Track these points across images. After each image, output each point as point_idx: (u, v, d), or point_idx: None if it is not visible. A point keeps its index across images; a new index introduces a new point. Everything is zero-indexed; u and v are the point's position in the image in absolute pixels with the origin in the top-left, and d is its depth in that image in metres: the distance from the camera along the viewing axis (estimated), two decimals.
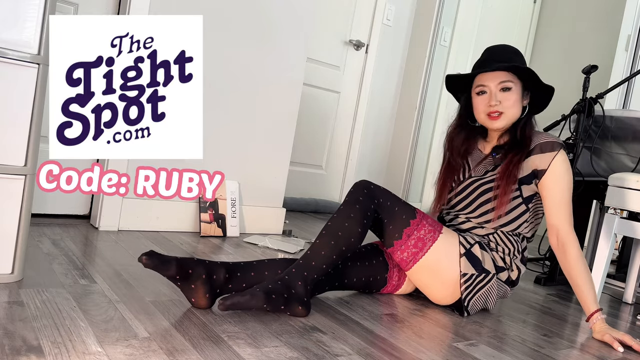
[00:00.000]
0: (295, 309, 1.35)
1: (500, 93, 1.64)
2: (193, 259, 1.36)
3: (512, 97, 1.64)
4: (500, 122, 1.66)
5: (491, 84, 1.65)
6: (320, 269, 1.42)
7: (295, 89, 2.50)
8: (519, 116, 1.67)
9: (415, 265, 1.57)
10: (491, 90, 1.65)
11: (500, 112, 1.64)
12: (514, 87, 1.64)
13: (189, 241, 2.06)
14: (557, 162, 1.61)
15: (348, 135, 3.59)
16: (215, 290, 1.35)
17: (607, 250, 2.00)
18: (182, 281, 1.32)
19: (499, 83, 1.64)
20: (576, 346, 1.53)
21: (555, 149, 1.62)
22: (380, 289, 1.69)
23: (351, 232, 1.47)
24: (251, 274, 1.44)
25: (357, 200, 1.52)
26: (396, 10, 3.63)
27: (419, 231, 1.57)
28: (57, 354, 0.97)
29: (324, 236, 1.46)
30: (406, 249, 1.57)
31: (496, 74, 1.65)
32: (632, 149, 2.29)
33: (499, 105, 1.64)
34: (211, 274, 1.35)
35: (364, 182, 1.58)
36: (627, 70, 3.30)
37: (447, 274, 1.58)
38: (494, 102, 1.64)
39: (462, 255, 1.58)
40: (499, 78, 1.64)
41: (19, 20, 1.28)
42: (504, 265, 1.64)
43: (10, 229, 1.31)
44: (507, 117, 1.65)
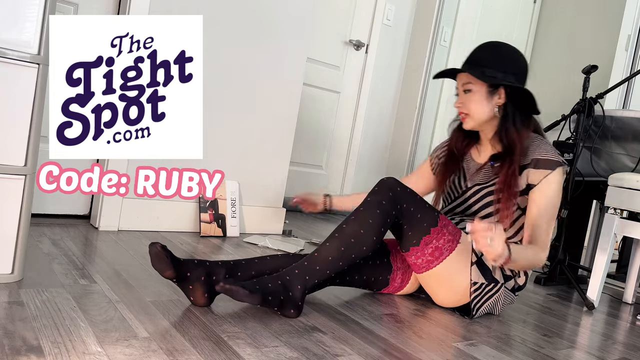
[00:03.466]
0: (287, 312, 1.35)
1: (463, 95, 1.66)
2: (194, 261, 1.36)
3: (473, 98, 1.63)
4: (468, 123, 1.67)
5: (459, 86, 1.68)
6: (323, 274, 1.39)
7: (295, 89, 2.50)
8: (488, 116, 1.64)
9: (427, 271, 1.55)
10: (460, 91, 1.68)
11: (466, 114, 1.66)
12: (474, 88, 1.63)
13: (189, 241, 2.06)
14: (548, 180, 1.58)
15: (348, 135, 3.59)
16: (214, 290, 1.35)
17: (607, 250, 2.00)
18: (180, 282, 1.33)
19: (462, 84, 1.66)
20: (576, 346, 1.53)
21: (552, 167, 1.58)
22: (381, 289, 1.69)
23: (365, 241, 1.41)
24: (252, 272, 1.44)
25: (380, 203, 1.44)
26: (396, 10, 3.63)
27: (438, 240, 1.52)
28: (57, 354, 0.97)
29: (335, 239, 1.41)
30: (422, 256, 1.53)
31: (461, 75, 1.67)
32: (632, 149, 2.30)
33: (462, 106, 1.66)
34: (211, 275, 1.35)
35: (391, 181, 1.50)
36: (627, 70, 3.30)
37: (458, 282, 1.56)
38: (457, 103, 1.67)
39: (474, 264, 1.55)
40: (462, 80, 1.66)
41: (19, 20, 1.28)
42: (511, 273, 1.62)
43: (10, 229, 1.31)
44: (473, 118, 1.65)
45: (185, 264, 1.33)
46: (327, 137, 3.50)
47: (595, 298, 1.99)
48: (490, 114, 1.64)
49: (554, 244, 2.36)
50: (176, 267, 1.30)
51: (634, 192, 1.93)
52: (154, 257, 1.30)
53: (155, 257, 1.30)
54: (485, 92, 1.63)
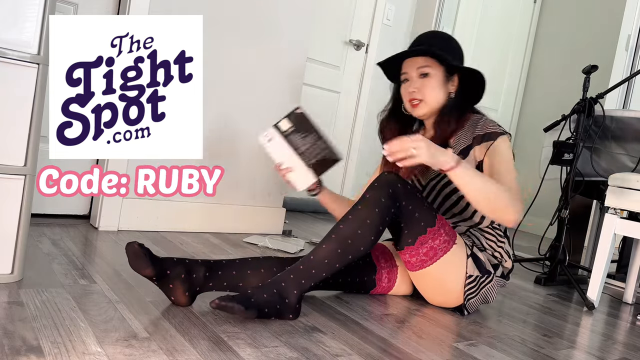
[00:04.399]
0: (285, 317, 1.33)
1: (419, 80, 1.61)
2: (173, 259, 1.34)
3: (430, 83, 1.60)
4: (421, 110, 1.62)
5: (411, 71, 1.62)
6: (319, 277, 1.36)
7: (295, 89, 2.50)
8: (442, 102, 1.62)
9: (421, 270, 1.54)
10: (412, 76, 1.63)
11: (420, 100, 1.61)
12: (432, 72, 1.60)
13: (188, 241, 2.06)
14: (493, 149, 1.53)
15: (348, 135, 3.59)
16: (195, 288, 1.34)
17: (607, 250, 2.00)
18: (159, 281, 1.31)
19: (417, 69, 1.61)
20: (576, 346, 1.53)
21: (493, 139, 1.55)
22: (370, 291, 1.67)
23: (363, 241, 1.37)
24: (232, 272, 1.41)
25: (379, 201, 1.39)
26: (396, 10, 3.63)
27: (434, 240, 1.49)
28: (56, 354, 0.97)
29: (331, 241, 1.37)
30: (416, 255, 1.51)
31: (415, 60, 1.62)
32: (632, 149, 2.29)
33: (416, 92, 1.61)
34: (191, 272, 1.34)
35: (391, 178, 1.45)
36: (627, 70, 3.30)
37: (452, 283, 1.55)
38: (411, 88, 1.62)
39: (469, 257, 1.54)
40: (417, 64, 1.61)
41: (19, 20, 1.28)
42: (496, 261, 1.61)
43: (10, 229, 1.31)
44: (428, 104, 1.61)
45: (164, 262, 1.32)
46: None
47: (595, 298, 1.99)
48: (444, 99, 1.62)
49: (554, 243, 2.36)
50: (155, 265, 1.28)
51: (634, 192, 1.93)
52: (131, 255, 1.27)
53: (132, 256, 1.27)
54: (442, 77, 1.61)
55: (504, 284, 1.67)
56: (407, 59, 1.64)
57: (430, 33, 1.70)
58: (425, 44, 1.63)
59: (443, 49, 1.61)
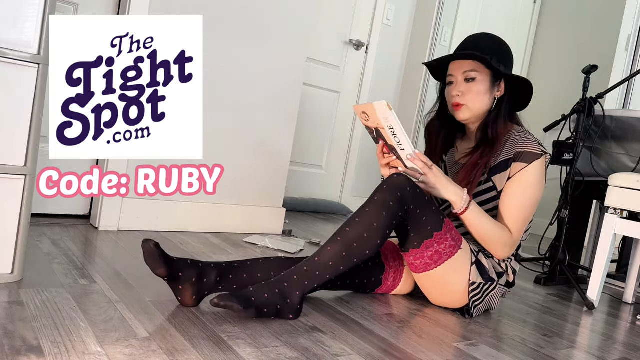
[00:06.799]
0: (285, 317, 1.32)
1: (464, 83, 1.58)
2: (187, 261, 1.34)
3: (475, 88, 1.57)
4: (463, 114, 1.60)
5: (457, 74, 1.60)
6: (323, 279, 1.35)
7: (295, 89, 2.50)
8: (487, 109, 1.60)
9: (425, 273, 1.53)
10: (457, 79, 1.60)
11: (462, 104, 1.59)
12: (478, 77, 1.57)
13: (188, 241, 2.06)
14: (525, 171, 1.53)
15: (348, 135, 3.59)
16: (203, 292, 1.34)
17: (607, 250, 2.00)
18: (171, 281, 1.32)
19: (463, 72, 1.58)
20: (576, 346, 1.53)
21: (528, 160, 1.53)
22: (375, 289, 1.67)
23: (369, 245, 1.36)
24: (243, 275, 1.41)
25: (387, 205, 1.37)
26: (396, 10, 3.63)
27: (439, 245, 1.47)
28: (57, 354, 0.97)
29: (337, 243, 1.36)
30: (420, 258, 1.50)
31: (462, 62, 1.59)
32: (632, 149, 2.29)
33: (460, 96, 1.58)
34: (202, 277, 1.34)
35: (400, 180, 1.42)
36: (627, 70, 3.30)
37: (455, 286, 1.54)
38: (455, 92, 1.59)
39: (473, 264, 1.54)
40: (464, 67, 1.58)
41: (19, 20, 1.28)
42: (501, 270, 1.61)
43: (10, 229, 1.31)
44: (470, 109, 1.59)
45: (178, 263, 1.32)
46: (327, 137, 3.50)
47: (595, 298, 1.99)
48: (489, 106, 1.61)
49: (554, 243, 2.36)
50: (168, 266, 1.29)
51: (634, 192, 1.93)
52: (147, 254, 1.29)
53: (148, 254, 1.29)
54: (488, 82, 1.58)
55: (505, 292, 1.65)
56: (455, 61, 1.62)
57: (482, 35, 1.65)
58: (473, 47, 1.59)
59: (494, 53, 1.58)
